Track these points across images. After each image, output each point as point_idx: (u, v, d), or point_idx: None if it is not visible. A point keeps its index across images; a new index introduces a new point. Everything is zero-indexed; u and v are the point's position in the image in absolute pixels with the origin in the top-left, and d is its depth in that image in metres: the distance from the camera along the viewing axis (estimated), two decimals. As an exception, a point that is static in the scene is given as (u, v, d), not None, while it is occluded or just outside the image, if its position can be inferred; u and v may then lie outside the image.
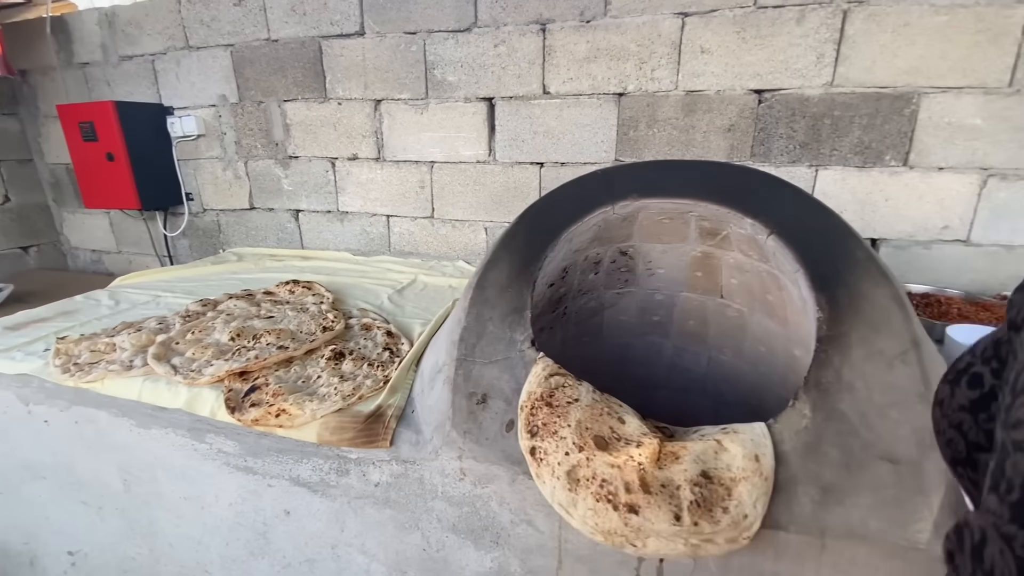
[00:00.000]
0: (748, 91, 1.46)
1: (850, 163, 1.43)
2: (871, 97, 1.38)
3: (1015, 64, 1.28)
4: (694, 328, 1.47)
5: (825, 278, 0.88)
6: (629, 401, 1.67)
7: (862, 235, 1.50)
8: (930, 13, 1.29)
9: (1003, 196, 1.37)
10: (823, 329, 0.84)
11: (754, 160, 1.50)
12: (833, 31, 1.36)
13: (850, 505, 0.69)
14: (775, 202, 0.98)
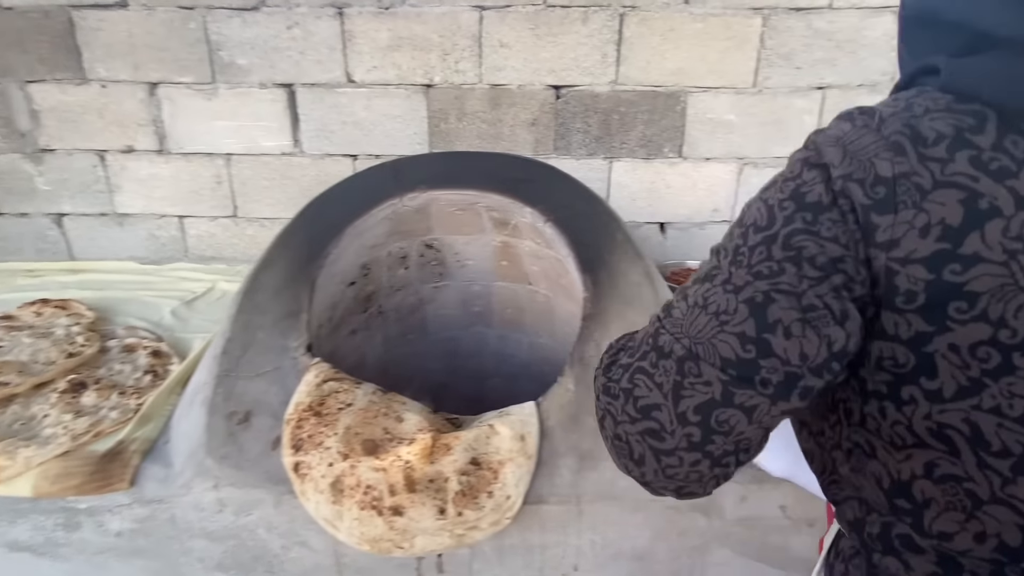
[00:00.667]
0: (546, 86, 1.53)
1: (637, 155, 1.58)
2: (649, 95, 1.52)
3: (756, 67, 1.51)
4: (512, 316, 1.51)
5: (590, 260, 0.94)
6: (463, 393, 1.65)
7: (652, 220, 1.67)
8: (689, 20, 1.46)
9: (755, 181, 1.61)
10: (587, 307, 0.89)
11: (557, 154, 1.58)
12: (613, 32, 1.47)
13: (603, 469, 0.74)
14: (552, 191, 1.03)
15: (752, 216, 0.37)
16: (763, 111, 1.54)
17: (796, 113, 1.53)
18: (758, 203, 0.38)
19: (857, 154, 0.34)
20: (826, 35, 1.46)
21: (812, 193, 0.35)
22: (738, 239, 0.37)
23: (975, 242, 0.31)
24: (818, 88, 1.51)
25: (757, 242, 0.36)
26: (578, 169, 1.60)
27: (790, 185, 0.36)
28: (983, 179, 0.31)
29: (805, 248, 0.34)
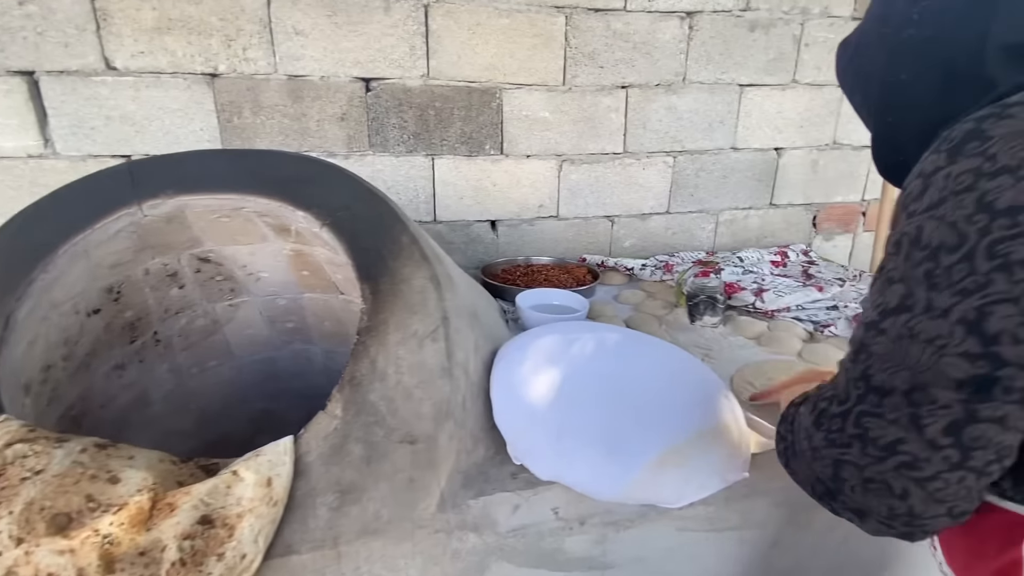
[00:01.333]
0: (353, 79, 1.42)
1: (459, 152, 1.54)
2: (463, 91, 1.49)
3: (564, 66, 1.54)
4: (333, 328, 1.38)
5: (370, 267, 0.86)
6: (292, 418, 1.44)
7: (482, 218, 1.65)
8: (495, 16, 1.45)
9: (574, 178, 1.66)
10: (364, 320, 0.81)
11: (374, 151, 1.48)
12: (419, 24, 1.41)
13: (367, 501, 0.67)
14: (329, 191, 0.93)
15: (933, 238, 0.36)
16: (574, 108, 1.58)
17: (604, 111, 1.60)
18: (933, 224, 0.36)
19: None
20: (623, 36, 1.54)
21: (1003, 199, 0.33)
22: (925, 264, 0.37)
23: None
24: (621, 87, 1.59)
25: (953, 261, 0.35)
26: (400, 167, 1.52)
27: (969, 197, 0.35)
28: None
29: (1012, 252, 0.33)
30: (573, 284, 1.41)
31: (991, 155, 0.34)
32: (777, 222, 1.88)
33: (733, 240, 1.86)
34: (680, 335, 1.17)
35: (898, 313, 0.38)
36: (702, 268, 1.44)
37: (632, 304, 1.36)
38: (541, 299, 1.22)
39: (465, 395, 0.78)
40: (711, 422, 0.69)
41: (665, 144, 1.68)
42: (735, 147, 1.74)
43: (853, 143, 1.84)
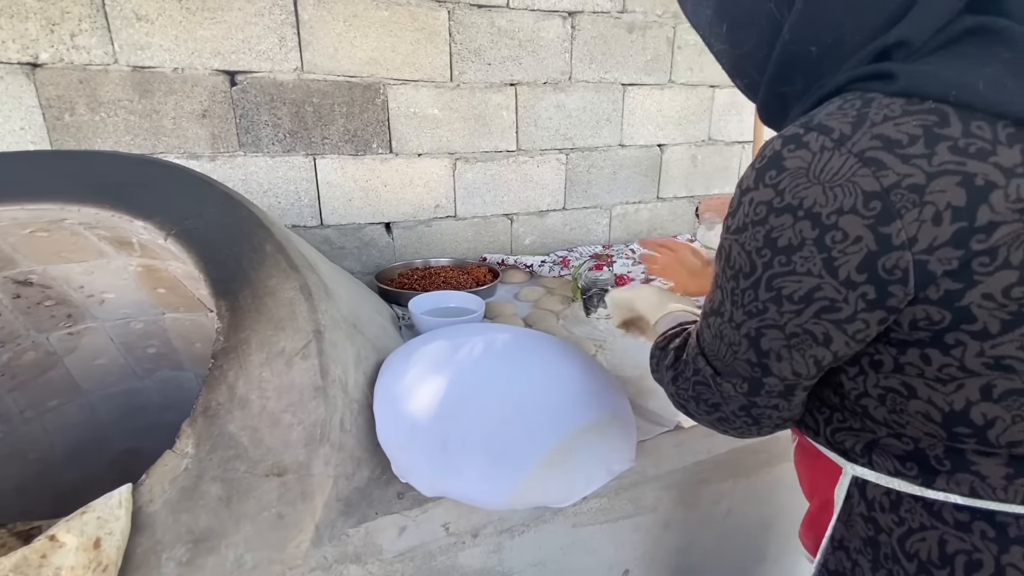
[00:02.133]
0: (215, 71, 1.28)
1: (344, 151, 1.45)
2: (344, 86, 1.40)
3: (451, 62, 1.50)
4: (204, 351, 1.23)
5: (227, 280, 0.76)
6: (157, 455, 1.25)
7: (375, 220, 1.57)
8: (373, 7, 1.37)
9: (470, 176, 1.63)
10: (220, 341, 0.72)
11: (245, 151, 1.35)
12: (288, 13, 1.30)
13: (226, 548, 0.59)
14: (173, 197, 0.82)
15: (737, 262, 0.42)
16: (464, 106, 1.55)
17: (495, 108, 1.59)
18: (737, 248, 0.42)
19: (834, 182, 0.36)
20: (509, 34, 1.54)
21: (783, 238, 0.38)
22: (731, 281, 0.43)
23: (986, 213, 0.33)
24: (510, 84, 1.59)
25: (746, 287, 0.42)
26: (276, 168, 1.40)
27: (760, 231, 0.40)
28: (969, 162, 0.33)
29: (784, 287, 0.40)
30: (473, 285, 1.38)
31: (780, 190, 0.38)
32: (665, 214, 1.99)
33: (626, 233, 1.94)
34: (576, 328, 1.19)
35: (715, 315, 0.46)
36: (596, 262, 1.48)
37: (531, 301, 1.36)
38: (436, 302, 1.17)
39: (343, 414, 0.72)
40: (596, 415, 0.69)
41: (557, 141, 1.71)
42: (622, 144, 1.81)
43: (726, 139, 2.00)
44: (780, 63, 0.44)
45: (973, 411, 0.38)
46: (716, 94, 1.91)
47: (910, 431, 0.42)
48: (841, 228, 0.36)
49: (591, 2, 1.61)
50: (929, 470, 0.41)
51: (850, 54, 0.40)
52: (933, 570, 0.41)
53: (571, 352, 0.81)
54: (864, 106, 0.36)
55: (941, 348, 0.38)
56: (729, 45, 0.48)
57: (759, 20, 0.44)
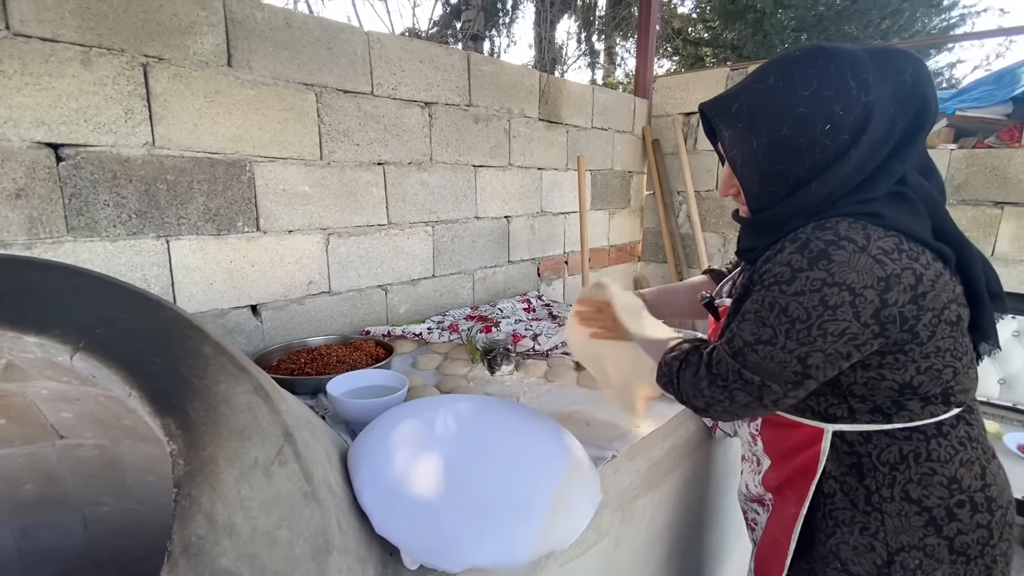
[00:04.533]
0: (36, 144, 1.06)
1: (204, 231, 1.31)
2: (205, 162, 1.29)
3: (320, 141, 1.51)
4: (39, 492, 0.96)
5: (169, 394, 0.67)
6: None
7: (240, 304, 1.43)
8: (238, 85, 1.32)
9: (343, 251, 1.62)
10: (180, 466, 0.63)
11: (75, 235, 1.12)
12: (137, 84, 1.16)
13: None
14: (71, 303, 0.68)
15: (796, 313, 0.64)
16: (335, 183, 1.56)
17: (365, 185, 1.63)
18: (796, 305, 0.64)
19: (862, 270, 0.62)
20: (375, 118, 1.63)
21: (831, 300, 0.63)
22: (788, 324, 0.65)
23: (921, 286, 0.64)
24: (378, 164, 1.66)
25: (802, 328, 0.64)
26: (119, 254, 1.19)
27: (816, 296, 0.63)
28: (912, 263, 0.63)
29: (828, 327, 0.64)
30: (368, 361, 1.36)
31: (832, 272, 0.62)
32: (515, 275, 2.25)
33: (487, 294, 2.12)
34: (487, 387, 1.29)
35: (766, 345, 0.67)
36: (484, 324, 1.61)
37: (432, 369, 1.41)
38: (351, 383, 1.14)
39: (338, 516, 0.68)
40: (569, 458, 0.81)
41: (424, 215, 1.82)
42: (478, 216, 2.02)
43: (553, 211, 2.39)
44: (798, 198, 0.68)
45: (914, 380, 0.68)
46: (543, 175, 2.29)
47: (877, 398, 0.70)
48: (863, 295, 0.62)
49: (443, 95, 1.81)
50: (884, 415, 0.70)
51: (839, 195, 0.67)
52: (897, 465, 0.70)
53: (521, 408, 0.92)
54: (864, 228, 0.63)
55: (903, 353, 0.66)
56: (759, 186, 0.71)
57: (789, 178, 0.68)
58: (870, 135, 0.64)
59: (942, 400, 0.69)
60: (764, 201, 0.71)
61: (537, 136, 2.21)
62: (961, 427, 0.71)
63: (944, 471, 0.69)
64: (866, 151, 0.65)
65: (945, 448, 0.70)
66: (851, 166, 0.65)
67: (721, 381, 0.71)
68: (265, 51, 1.35)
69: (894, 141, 0.65)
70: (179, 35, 1.21)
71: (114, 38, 1.12)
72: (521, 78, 2.09)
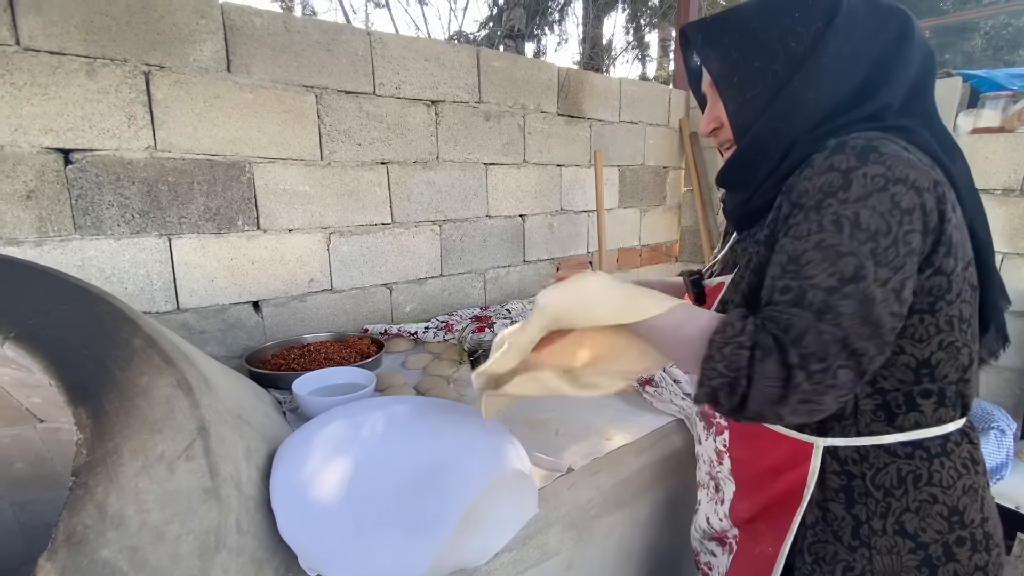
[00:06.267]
0: (45, 149, 1.15)
1: (205, 230, 1.37)
2: (204, 164, 1.35)
3: (320, 142, 1.54)
4: (29, 471, 1.03)
5: (87, 384, 0.68)
6: None
7: (241, 300, 1.48)
8: (236, 89, 1.37)
9: (345, 249, 1.64)
10: (82, 455, 0.64)
11: (82, 234, 1.21)
12: (139, 92, 1.24)
13: None
14: (14, 296, 0.72)
15: (871, 224, 0.50)
16: (336, 183, 1.59)
17: (368, 185, 1.65)
18: (868, 212, 0.50)
19: (918, 168, 0.51)
20: (377, 118, 1.64)
21: (904, 201, 0.50)
22: (870, 243, 0.49)
23: (955, 218, 0.53)
24: (381, 163, 1.67)
25: (887, 244, 0.49)
26: (123, 251, 1.27)
27: (885, 196, 0.50)
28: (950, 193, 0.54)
29: (912, 241, 0.51)
30: (357, 358, 1.36)
31: (889, 166, 0.50)
32: (531, 275, 2.19)
33: (500, 294, 2.08)
34: (468, 390, 1.25)
35: (856, 281, 0.48)
36: (478, 324, 1.57)
37: (419, 368, 1.39)
38: (322, 381, 1.14)
39: (239, 515, 0.67)
40: (500, 471, 0.75)
41: (430, 214, 1.81)
42: (489, 215, 1.98)
43: (574, 209, 2.30)
44: (783, 103, 0.59)
45: (932, 358, 0.56)
46: (563, 172, 2.21)
47: (888, 384, 0.57)
48: (925, 202, 0.51)
49: (451, 93, 1.80)
50: (892, 415, 0.58)
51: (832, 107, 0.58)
52: (893, 490, 0.59)
53: (470, 412, 0.87)
54: (894, 139, 0.53)
55: (931, 312, 0.55)
56: (736, 92, 0.62)
57: (767, 76, 0.60)
58: (843, 19, 0.57)
59: (956, 400, 0.59)
60: (747, 113, 0.62)
61: (556, 132, 2.14)
62: (965, 445, 0.60)
63: (946, 499, 0.58)
64: (843, 40, 0.57)
65: (948, 471, 0.59)
66: (831, 57, 0.57)
67: (817, 363, 0.47)
68: (264, 55, 1.40)
69: (877, 51, 0.58)
70: (179, 44, 1.27)
71: (117, 49, 1.20)
72: (537, 72, 2.03)
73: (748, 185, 0.64)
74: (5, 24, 1.08)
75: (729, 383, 0.50)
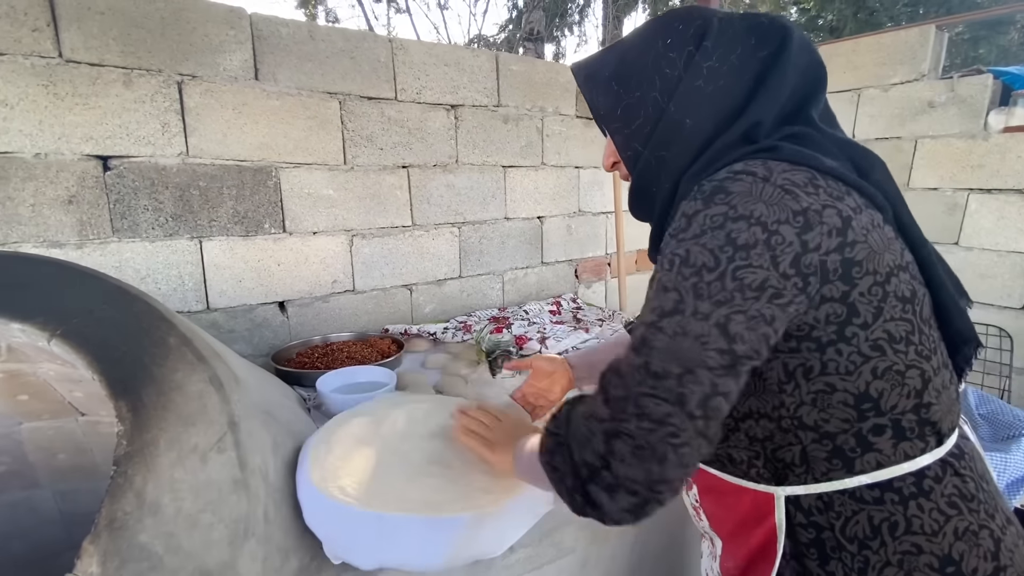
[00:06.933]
0: (85, 156, 1.21)
1: (233, 233, 1.42)
2: (233, 169, 1.40)
3: (343, 147, 1.58)
4: (71, 462, 1.09)
5: (127, 380, 0.72)
6: None
7: (268, 300, 1.53)
8: (263, 97, 1.42)
9: (367, 251, 1.68)
10: (123, 445, 0.68)
11: (119, 236, 1.27)
12: (172, 101, 1.29)
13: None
14: (59, 295, 0.77)
15: (699, 260, 0.48)
16: (359, 186, 1.63)
17: (389, 188, 1.69)
18: (698, 248, 0.49)
19: (771, 202, 0.49)
20: (398, 123, 1.67)
21: (741, 238, 0.48)
22: (693, 278, 0.48)
23: (851, 234, 0.49)
24: (402, 167, 1.70)
25: (712, 279, 0.47)
26: (157, 253, 1.32)
27: (721, 233, 0.48)
28: (835, 202, 0.50)
29: (745, 278, 0.47)
30: (378, 357, 1.40)
31: (733, 205, 0.49)
32: (549, 277, 2.20)
33: (518, 295, 2.10)
34: (485, 390, 1.27)
35: (672, 315, 0.48)
36: (496, 325, 1.59)
37: (438, 367, 1.42)
38: (345, 379, 1.18)
39: (267, 505, 0.70)
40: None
41: (450, 216, 1.84)
42: (507, 217, 2.00)
43: (592, 211, 2.30)
44: (663, 131, 0.59)
45: (871, 388, 0.51)
46: (581, 174, 2.22)
47: (832, 426, 0.52)
48: (779, 233, 0.47)
49: (470, 97, 1.82)
50: (847, 459, 0.52)
51: (713, 131, 0.57)
52: (868, 542, 0.52)
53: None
54: (763, 164, 0.51)
55: (845, 341, 0.50)
56: (622, 124, 0.62)
57: (647, 104, 0.60)
58: (713, 40, 0.57)
59: (919, 429, 0.52)
60: (633, 144, 0.62)
61: (574, 134, 2.15)
62: (949, 479, 0.52)
63: (933, 548, 0.50)
64: (716, 61, 0.56)
65: (930, 513, 0.51)
66: (705, 79, 0.57)
67: (621, 390, 0.48)
68: (290, 63, 1.44)
69: (754, 69, 0.56)
70: (210, 53, 1.33)
71: (152, 60, 1.25)
72: (555, 75, 2.04)
73: (650, 215, 0.64)
74: (49, 38, 1.14)
75: (585, 479, 0.49)
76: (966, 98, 2.12)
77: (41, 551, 1.11)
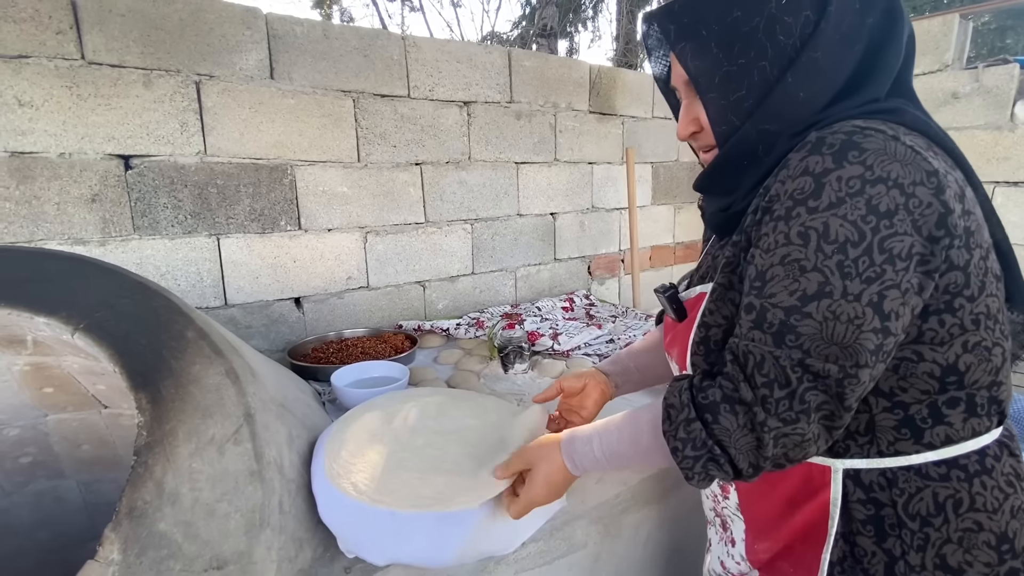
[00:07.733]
0: (108, 156, 1.24)
1: (250, 230, 1.44)
2: (250, 167, 1.42)
3: (357, 144, 1.59)
4: (95, 453, 1.12)
5: (146, 372, 0.74)
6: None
7: (284, 296, 1.55)
8: (279, 96, 1.44)
9: (381, 248, 1.69)
10: (143, 436, 0.70)
11: (140, 234, 1.29)
12: (191, 100, 1.31)
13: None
14: (78, 290, 0.79)
15: (840, 234, 0.45)
16: (373, 184, 1.64)
17: (402, 185, 1.70)
18: (838, 221, 0.45)
19: (905, 161, 0.45)
20: (411, 120, 1.68)
21: (882, 204, 0.45)
22: (837, 255, 0.45)
23: (967, 203, 0.48)
24: (416, 164, 1.71)
25: (858, 255, 0.45)
26: (176, 250, 1.35)
27: (860, 200, 0.45)
28: (950, 172, 0.48)
29: (893, 248, 0.45)
30: (391, 353, 1.41)
31: (869, 165, 0.45)
32: (562, 273, 2.20)
33: (531, 292, 2.10)
34: (497, 385, 1.27)
35: (819, 298, 0.45)
36: (508, 321, 1.59)
37: (451, 363, 1.42)
38: (359, 374, 1.19)
39: (282, 496, 0.72)
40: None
41: (462, 213, 1.84)
42: (520, 213, 2.00)
43: (606, 207, 2.29)
44: (774, 104, 0.53)
45: (959, 362, 0.50)
46: (594, 169, 2.21)
47: (908, 396, 0.51)
48: (917, 196, 0.45)
49: (483, 93, 1.82)
50: (917, 429, 0.51)
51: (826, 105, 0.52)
52: (931, 519, 0.51)
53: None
54: (884, 124, 0.48)
55: (951, 312, 0.48)
56: (719, 94, 0.55)
57: (753, 74, 0.53)
58: (836, 4, 0.51)
59: (989, 407, 0.51)
60: (732, 116, 0.55)
61: (587, 129, 2.14)
62: (1006, 459, 0.53)
63: (992, 525, 0.51)
64: (833, 30, 0.51)
65: (992, 491, 0.51)
66: (825, 51, 0.51)
67: (780, 390, 0.46)
68: (304, 62, 1.46)
69: (864, 37, 0.52)
70: (227, 54, 1.35)
71: (171, 60, 1.28)
72: (568, 71, 2.03)
73: (732, 191, 0.58)
74: (72, 40, 1.17)
75: (707, 460, 0.50)
76: (991, 89, 2.06)
77: (66, 540, 1.15)
